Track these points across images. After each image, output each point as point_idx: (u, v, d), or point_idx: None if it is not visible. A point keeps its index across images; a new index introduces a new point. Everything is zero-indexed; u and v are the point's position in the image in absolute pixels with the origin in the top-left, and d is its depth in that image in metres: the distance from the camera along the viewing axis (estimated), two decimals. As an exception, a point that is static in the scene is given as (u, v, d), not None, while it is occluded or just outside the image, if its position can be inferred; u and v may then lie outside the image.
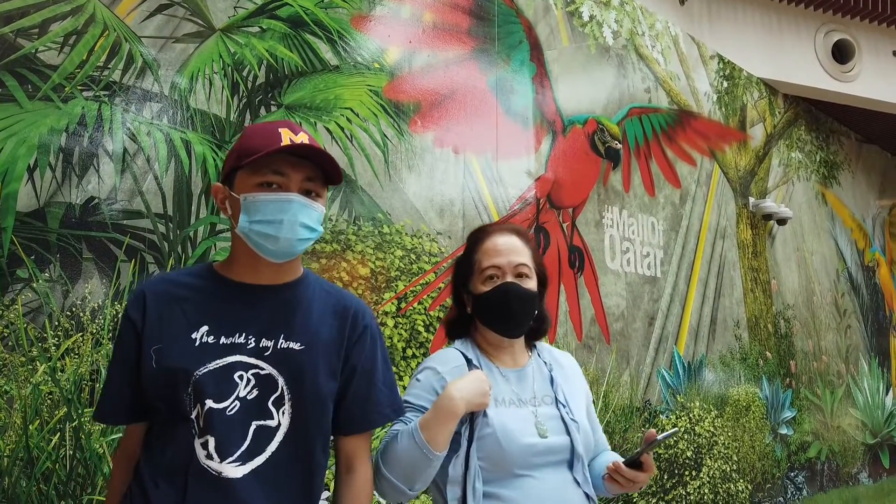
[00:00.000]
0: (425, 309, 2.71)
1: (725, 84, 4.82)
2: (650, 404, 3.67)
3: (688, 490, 3.73)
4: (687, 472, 3.76)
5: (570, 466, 1.32)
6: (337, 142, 2.53)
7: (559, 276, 3.35)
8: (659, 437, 1.27)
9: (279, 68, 2.41)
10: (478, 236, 1.45)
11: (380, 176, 2.66)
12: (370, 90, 2.67)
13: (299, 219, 1.11)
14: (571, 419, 1.35)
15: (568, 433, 1.33)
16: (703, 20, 4.81)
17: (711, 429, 4.01)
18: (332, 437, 1.24)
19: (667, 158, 4.20)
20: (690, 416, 3.89)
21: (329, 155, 1.14)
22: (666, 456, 3.66)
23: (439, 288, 2.78)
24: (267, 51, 2.38)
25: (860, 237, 6.21)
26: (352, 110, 2.59)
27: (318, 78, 2.51)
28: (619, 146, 3.85)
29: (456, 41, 3.07)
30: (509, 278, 1.37)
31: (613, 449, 3.37)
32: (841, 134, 6.19)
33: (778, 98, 5.36)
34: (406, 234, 2.71)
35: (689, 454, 3.80)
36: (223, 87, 2.28)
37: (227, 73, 2.30)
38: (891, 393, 6.09)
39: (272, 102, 2.37)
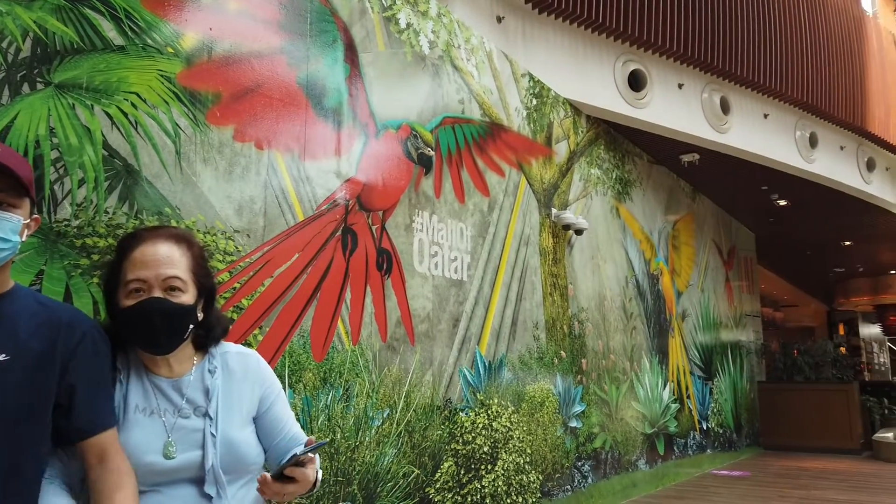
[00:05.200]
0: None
1: (535, 101, 5.16)
2: (451, 402, 3.82)
3: (483, 483, 3.93)
4: (483, 466, 3.96)
5: (202, 482, 1.30)
6: (118, 127, 2.34)
7: (366, 279, 3.38)
8: (298, 451, 1.29)
9: (49, 43, 2.17)
10: (127, 244, 1.33)
11: (169, 168, 2.50)
12: (162, 75, 2.50)
13: None
14: (212, 433, 1.32)
15: (202, 448, 1.31)
16: (517, 40, 5.11)
17: (508, 424, 4.26)
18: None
19: (477, 168, 4.40)
20: (489, 412, 4.11)
21: (19, 160, 1.08)
22: (464, 452, 3.83)
23: (234, 288, 2.68)
24: (35, 22, 2.14)
25: (648, 248, 6.96)
26: (138, 95, 2.41)
27: (99, 57, 2.30)
28: (432, 153, 3.96)
29: (264, 33, 2.98)
30: (157, 293, 1.28)
31: (413, 447, 3.46)
32: (635, 154, 6.89)
33: (581, 118, 5.84)
34: (198, 230, 2.57)
35: (486, 449, 4.01)
36: (-24, 57, 2.01)
37: (-18, 41, 2.03)
38: (667, 387, 6.89)
39: (38, 80, 2.13)
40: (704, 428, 7.66)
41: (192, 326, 1.34)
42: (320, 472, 1.38)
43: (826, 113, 7.55)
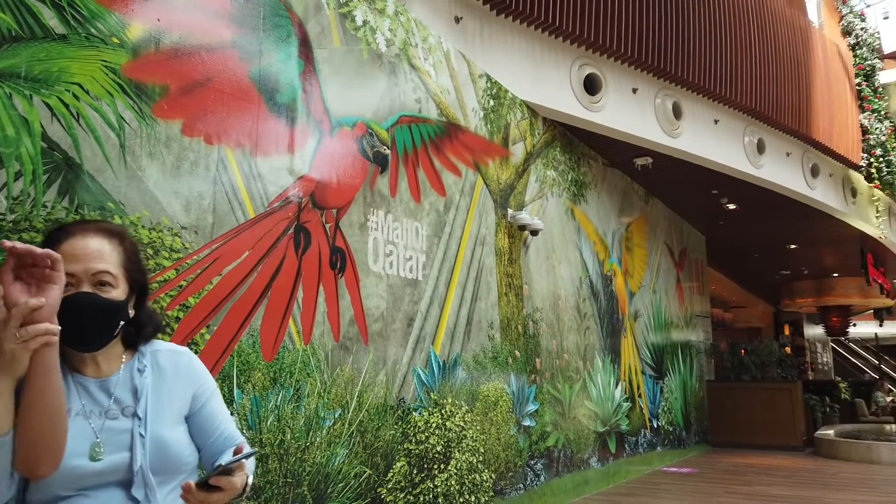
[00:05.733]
0: (162, 308, 2.53)
1: (492, 102, 5.19)
2: (405, 402, 3.81)
3: (436, 483, 3.93)
4: (436, 466, 3.96)
5: (130, 485, 1.27)
6: (59, 119, 2.26)
7: (319, 277, 3.34)
8: (224, 461, 1.27)
9: (-16, 28, 2.09)
10: (55, 237, 1.28)
11: (113, 162, 2.43)
12: (106, 66, 2.42)
13: None
14: (140, 434, 1.29)
15: (131, 450, 1.28)
16: (475, 41, 5.13)
17: (462, 423, 4.27)
18: None
19: (434, 167, 4.40)
20: (443, 412, 4.11)
21: None
22: (417, 452, 3.82)
23: (180, 286, 2.62)
24: (-31, 6, 2.05)
25: (602, 249, 7.07)
26: (81, 86, 2.33)
27: (39, 46, 2.22)
28: (388, 151, 3.95)
29: (215, 26, 2.92)
30: (85, 287, 1.24)
31: (365, 447, 3.44)
32: (590, 157, 7.00)
33: (538, 120, 5.90)
34: (143, 226, 2.51)
35: (439, 448, 4.02)
36: None
37: None
38: (619, 386, 7.01)
39: (-29, 67, 2.05)
40: (655, 426, 7.83)
41: (122, 323, 1.30)
42: (251, 477, 1.35)
43: (773, 120, 7.80)
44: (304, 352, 3.17)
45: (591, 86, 6.15)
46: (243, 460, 1.24)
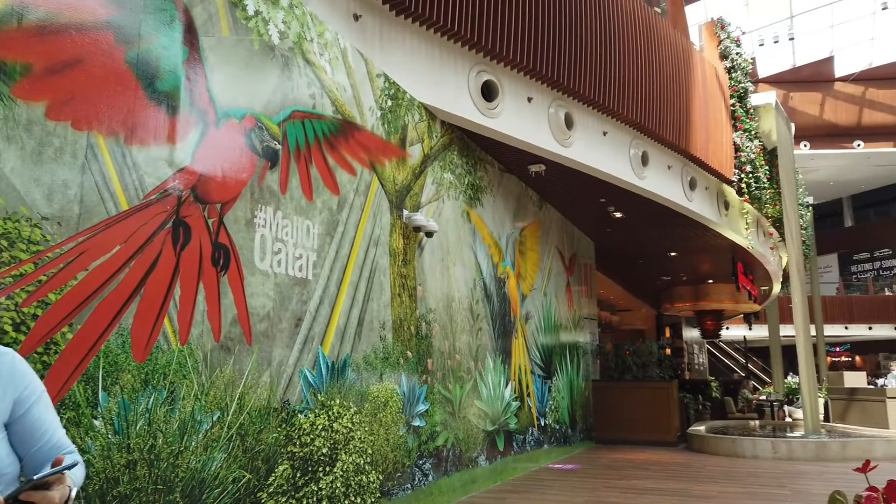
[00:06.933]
0: (17, 305, 2.33)
1: (390, 103, 5.18)
2: (289, 404, 3.73)
3: (320, 486, 3.87)
4: (321, 468, 3.90)
5: None
6: None
7: (199, 275, 3.20)
8: (37, 477, 1.21)
9: None
10: None
11: (-39, 144, 2.21)
12: (-45, 39, 2.20)
13: None
14: None
15: None
16: (374, 40, 5.10)
17: (349, 425, 4.23)
18: None
19: (327, 165, 4.33)
20: (330, 413, 4.05)
21: None
22: (301, 454, 3.74)
23: (39, 281, 2.42)
24: None
25: (496, 252, 7.23)
26: (-77, 59, 2.11)
27: None
28: (279, 147, 3.85)
29: (88, 4, 2.73)
30: None
31: (246, 451, 3.33)
32: (487, 162, 7.14)
33: (436, 123, 5.95)
34: (-4, 215, 2.30)
35: (325, 451, 3.95)
36: None
37: None
38: (509, 386, 7.19)
39: None
40: (542, 424, 8.09)
41: None
42: (74, 490, 1.26)
43: (656, 134, 8.28)
44: (181, 352, 3.02)
45: (489, 92, 6.27)
46: (65, 472, 1.16)
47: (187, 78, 3.21)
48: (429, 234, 5.58)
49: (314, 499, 3.81)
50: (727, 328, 23.20)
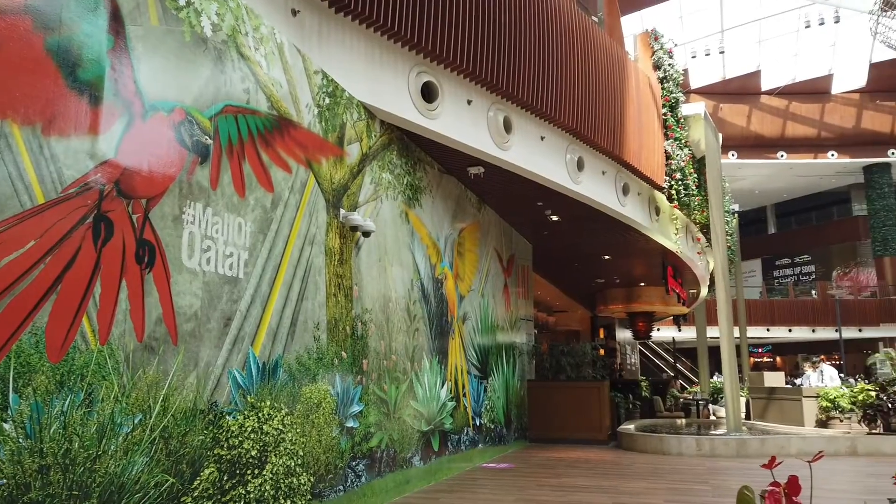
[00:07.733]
0: (-84, 302, 2.19)
1: (328, 100, 5.12)
2: (217, 406, 3.63)
3: (248, 489, 3.79)
4: (249, 471, 3.82)
5: None
6: None
7: (122, 272, 3.08)
8: None
9: None
10: None
11: None
12: None
13: None
14: None
15: None
16: (313, 36, 5.03)
17: (280, 426, 4.16)
18: None
19: (261, 161, 4.25)
20: (260, 415, 3.97)
21: None
22: (228, 457, 3.66)
23: (-57, 277, 2.29)
24: None
25: (434, 253, 7.25)
26: None
27: None
28: (210, 141, 3.75)
29: (3, -14, 2.59)
30: None
31: (169, 454, 3.22)
32: (426, 163, 7.15)
33: (375, 122, 5.92)
34: None
35: (254, 453, 3.87)
36: None
37: None
38: (445, 386, 7.23)
39: None
40: (478, 424, 8.17)
41: None
42: None
43: (591, 140, 8.49)
44: (100, 353, 2.90)
45: (429, 93, 6.29)
46: None
47: (112, 68, 3.09)
48: (366, 234, 5.55)
49: (242, 502, 3.72)
50: (658, 329, 24.00)
